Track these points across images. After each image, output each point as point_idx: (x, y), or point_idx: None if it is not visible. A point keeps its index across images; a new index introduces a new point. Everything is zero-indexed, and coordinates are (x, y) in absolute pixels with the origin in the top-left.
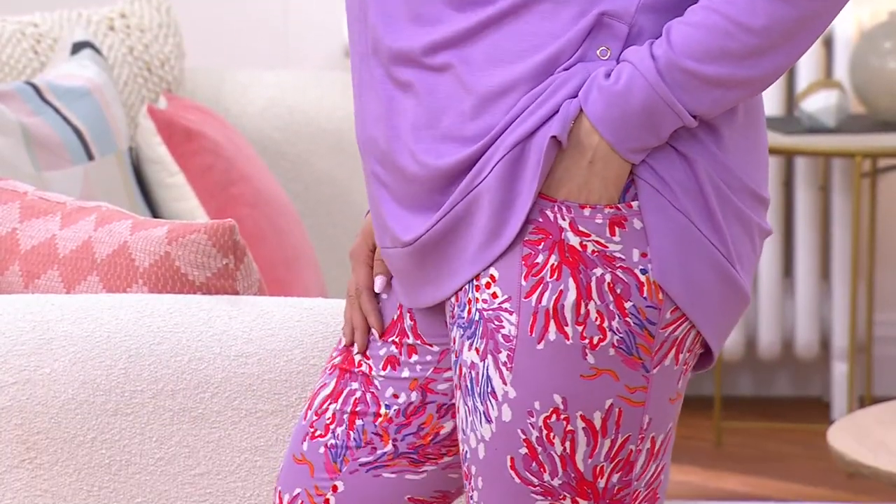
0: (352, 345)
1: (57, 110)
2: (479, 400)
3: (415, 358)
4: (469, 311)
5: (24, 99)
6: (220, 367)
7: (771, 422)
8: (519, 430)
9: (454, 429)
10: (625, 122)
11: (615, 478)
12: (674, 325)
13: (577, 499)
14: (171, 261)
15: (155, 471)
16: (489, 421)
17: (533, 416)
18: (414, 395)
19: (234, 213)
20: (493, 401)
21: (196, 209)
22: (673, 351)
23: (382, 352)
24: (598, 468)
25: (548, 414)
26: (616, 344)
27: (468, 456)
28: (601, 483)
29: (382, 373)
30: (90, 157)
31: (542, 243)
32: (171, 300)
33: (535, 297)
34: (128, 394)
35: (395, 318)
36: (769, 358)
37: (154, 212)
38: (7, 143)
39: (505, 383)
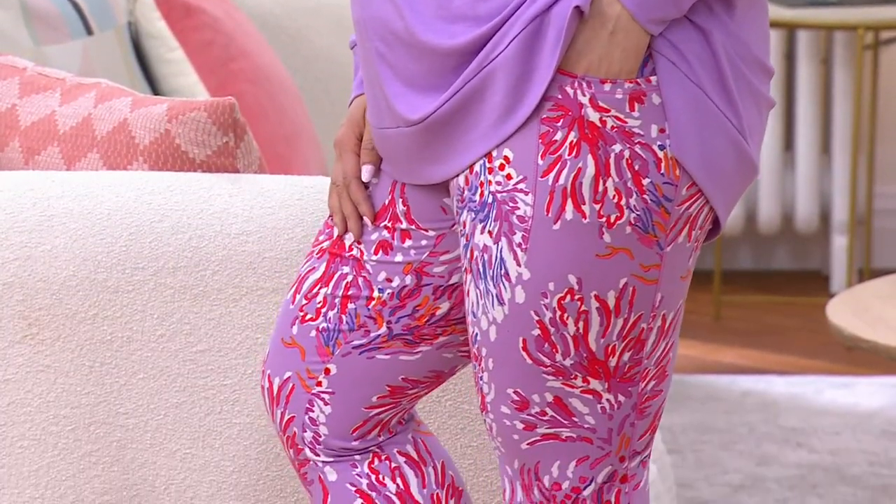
0: (344, 234)
1: None
2: (491, 283)
3: (409, 243)
4: (481, 194)
5: None
6: (221, 244)
7: (770, 295)
8: (532, 312)
9: (451, 309)
10: None
11: (626, 356)
12: (689, 202)
13: (589, 378)
14: (171, 138)
15: (156, 347)
16: (502, 303)
17: (547, 298)
18: (408, 279)
19: (234, 89)
20: (506, 283)
21: (196, 85)
22: (686, 228)
23: (374, 237)
24: (610, 347)
25: (562, 295)
26: (633, 222)
27: (478, 338)
28: (612, 362)
29: (374, 257)
30: (89, 31)
31: (561, 120)
32: (172, 178)
33: (552, 175)
34: (129, 271)
35: (387, 203)
36: (769, 232)
37: (153, 87)
38: (6, 16)
39: (519, 265)
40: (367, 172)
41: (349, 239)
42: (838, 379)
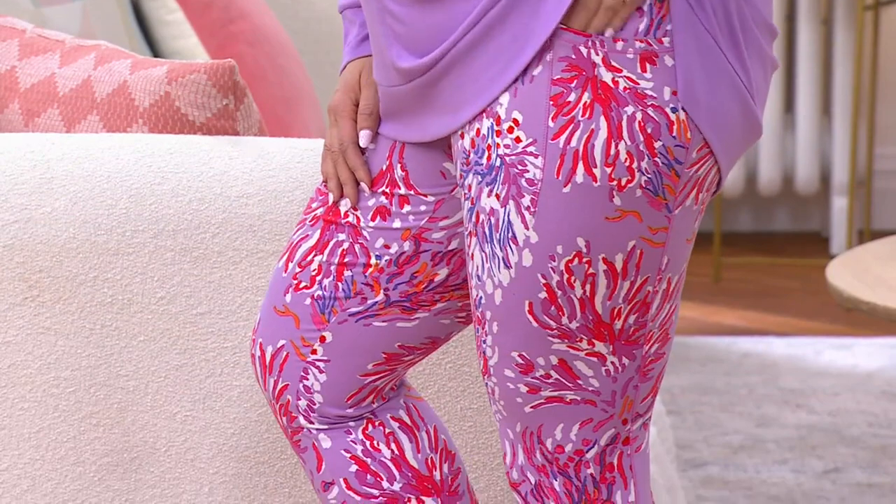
0: (339, 201)
1: None
2: (497, 246)
3: (407, 208)
4: (489, 157)
5: None
6: (221, 207)
7: (770, 257)
8: (539, 275)
9: (449, 275)
10: None
11: (631, 319)
12: (698, 165)
13: (594, 340)
14: (171, 101)
15: (157, 310)
16: (508, 266)
17: (555, 261)
18: (407, 245)
19: (234, 51)
20: (513, 246)
21: (196, 47)
22: (694, 191)
23: (371, 203)
24: (616, 310)
25: (570, 258)
26: (643, 185)
27: (482, 301)
28: (618, 324)
29: (371, 224)
30: None
31: (575, 81)
32: (172, 140)
33: (563, 138)
34: (129, 233)
35: (384, 168)
36: (769, 193)
37: (153, 49)
38: None
39: (527, 228)
40: (364, 138)
41: (344, 206)
42: (838, 340)
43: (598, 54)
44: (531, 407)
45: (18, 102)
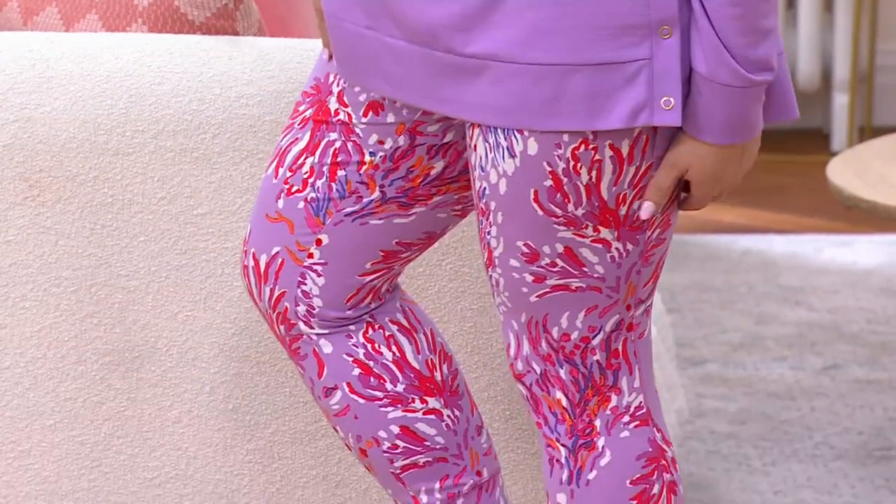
0: (331, 58)
1: None
2: (502, 135)
3: (400, 102)
4: None
5: None
6: (221, 108)
7: (771, 154)
8: (545, 163)
9: (445, 168)
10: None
11: (636, 205)
12: None
13: (600, 227)
14: (170, 0)
15: (157, 210)
16: (513, 155)
17: (560, 148)
18: (402, 140)
19: None
20: (517, 135)
21: None
22: None
23: (362, 98)
24: (622, 195)
25: (576, 145)
26: None
27: (486, 192)
28: (623, 210)
29: (364, 119)
30: None
31: None
32: (171, 40)
33: None
34: (129, 134)
35: None
36: None
37: None
38: None
39: None
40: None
41: (334, 103)
42: (838, 237)
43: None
44: (537, 296)
45: (17, 0)
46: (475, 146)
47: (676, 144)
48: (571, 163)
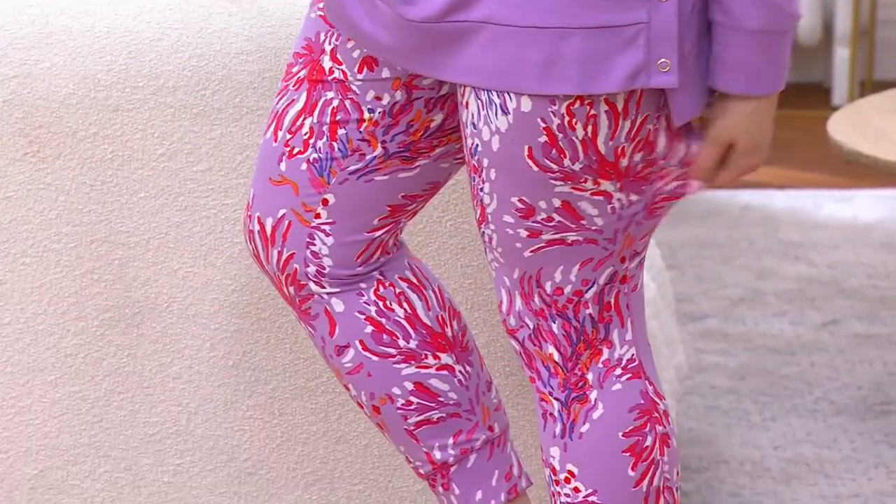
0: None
1: None
2: (495, 92)
3: None
4: None
5: None
6: (221, 64)
7: None
8: (539, 119)
9: (444, 119)
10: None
11: (638, 156)
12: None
13: (600, 180)
14: None
15: (157, 166)
16: (506, 112)
17: (555, 104)
18: (399, 94)
19: None
20: (511, 93)
21: None
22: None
23: (356, 54)
24: (620, 149)
25: (571, 101)
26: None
27: (479, 149)
28: (624, 162)
29: (359, 76)
30: None
31: None
32: None
33: None
34: (129, 90)
35: None
36: None
37: None
38: None
39: None
40: None
41: (328, 62)
42: (838, 192)
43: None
44: (531, 251)
45: None
46: (466, 103)
47: (715, 120)
48: (566, 118)
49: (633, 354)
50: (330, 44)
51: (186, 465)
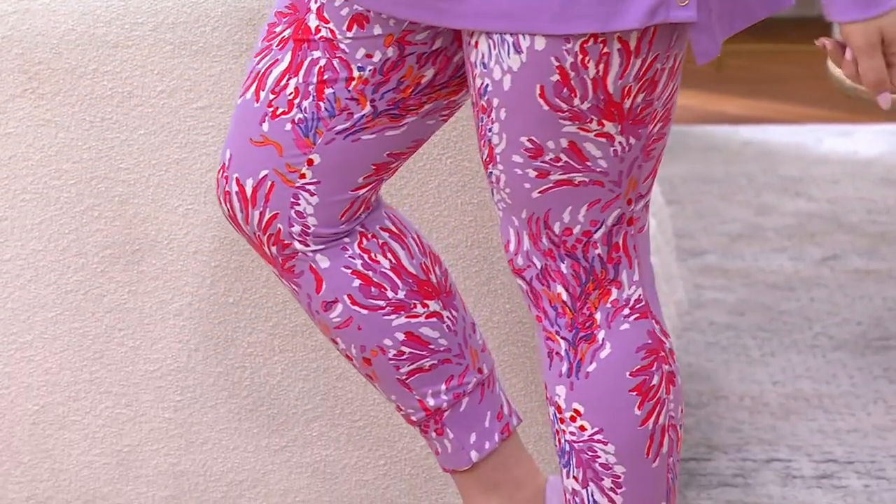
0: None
1: None
2: (508, 32)
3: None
4: None
5: None
6: (221, 1)
7: (772, 44)
8: (552, 58)
9: (435, 75)
10: None
11: (640, 98)
12: None
13: (604, 121)
14: None
15: (157, 103)
16: (519, 51)
17: (570, 42)
18: (391, 51)
19: None
20: (524, 32)
21: None
22: None
23: (344, 12)
24: (627, 88)
25: (585, 38)
26: None
27: (488, 89)
28: (627, 103)
29: (349, 34)
30: None
31: None
32: None
33: None
34: (128, 26)
35: None
36: None
37: None
38: None
39: None
40: None
41: (314, 21)
42: (838, 127)
43: None
44: (539, 192)
45: None
46: (476, 43)
47: (849, 40)
48: (580, 56)
49: (640, 294)
50: (316, 2)
51: (187, 401)
